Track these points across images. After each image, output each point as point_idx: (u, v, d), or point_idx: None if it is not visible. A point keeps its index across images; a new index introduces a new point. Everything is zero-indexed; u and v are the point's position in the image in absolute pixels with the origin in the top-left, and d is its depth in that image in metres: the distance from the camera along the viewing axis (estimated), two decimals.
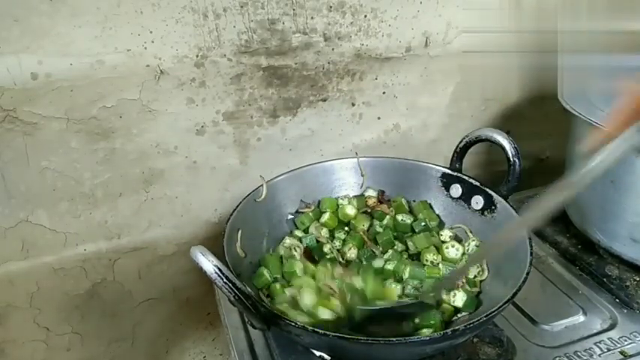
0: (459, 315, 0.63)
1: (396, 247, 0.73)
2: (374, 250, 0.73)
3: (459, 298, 0.64)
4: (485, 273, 0.67)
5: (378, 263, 0.70)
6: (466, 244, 0.72)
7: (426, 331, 0.59)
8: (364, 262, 0.71)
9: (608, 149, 0.48)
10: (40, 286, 0.79)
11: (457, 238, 0.74)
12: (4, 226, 0.73)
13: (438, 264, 0.70)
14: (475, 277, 0.67)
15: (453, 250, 0.71)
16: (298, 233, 0.75)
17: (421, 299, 0.62)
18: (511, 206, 0.68)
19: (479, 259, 0.67)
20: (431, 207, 0.78)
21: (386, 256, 0.71)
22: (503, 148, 0.70)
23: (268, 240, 0.73)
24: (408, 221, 0.75)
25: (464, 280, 0.66)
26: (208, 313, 0.97)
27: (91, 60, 0.68)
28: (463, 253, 0.71)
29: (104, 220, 0.79)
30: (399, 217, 0.76)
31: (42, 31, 0.64)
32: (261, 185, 0.72)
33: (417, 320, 0.60)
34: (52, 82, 0.67)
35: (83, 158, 0.73)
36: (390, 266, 0.69)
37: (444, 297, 0.64)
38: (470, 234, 0.73)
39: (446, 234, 0.74)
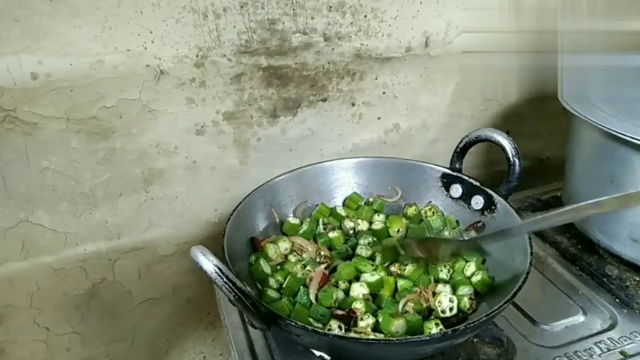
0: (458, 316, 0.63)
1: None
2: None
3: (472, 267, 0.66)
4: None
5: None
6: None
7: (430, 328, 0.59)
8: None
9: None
10: (40, 286, 0.79)
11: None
12: (4, 226, 0.73)
13: None
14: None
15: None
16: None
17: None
18: (511, 206, 0.68)
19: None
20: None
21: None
22: (503, 148, 0.70)
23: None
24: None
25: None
26: (208, 313, 0.97)
27: (91, 60, 0.68)
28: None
29: (104, 220, 0.79)
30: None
31: (42, 31, 0.64)
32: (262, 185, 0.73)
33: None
34: (52, 82, 0.67)
35: (83, 158, 0.73)
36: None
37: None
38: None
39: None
